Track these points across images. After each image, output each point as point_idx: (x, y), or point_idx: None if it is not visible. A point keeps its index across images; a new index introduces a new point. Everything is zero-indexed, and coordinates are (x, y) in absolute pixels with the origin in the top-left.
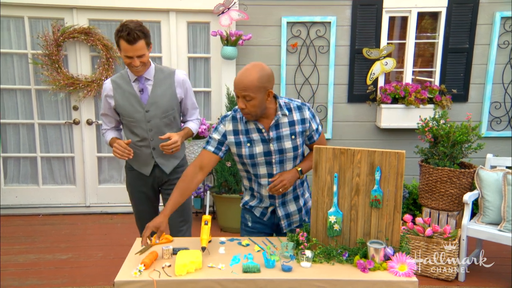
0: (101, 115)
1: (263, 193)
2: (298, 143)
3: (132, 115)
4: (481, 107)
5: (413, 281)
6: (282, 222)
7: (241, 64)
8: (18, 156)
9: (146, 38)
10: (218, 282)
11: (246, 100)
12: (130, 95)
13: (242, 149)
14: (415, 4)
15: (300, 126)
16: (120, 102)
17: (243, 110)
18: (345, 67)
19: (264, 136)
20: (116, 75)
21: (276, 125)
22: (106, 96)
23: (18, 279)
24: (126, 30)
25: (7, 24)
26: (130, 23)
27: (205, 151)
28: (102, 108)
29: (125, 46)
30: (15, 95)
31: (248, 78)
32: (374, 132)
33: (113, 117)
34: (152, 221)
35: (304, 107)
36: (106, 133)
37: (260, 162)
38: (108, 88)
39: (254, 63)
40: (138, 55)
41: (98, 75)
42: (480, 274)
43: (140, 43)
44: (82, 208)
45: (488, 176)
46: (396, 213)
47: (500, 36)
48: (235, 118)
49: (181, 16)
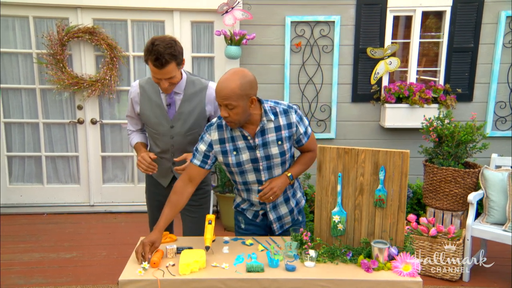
0: (127, 117)
1: (253, 199)
2: (285, 148)
3: (156, 127)
4: (486, 106)
5: (417, 281)
6: (274, 225)
7: (245, 64)
8: (23, 155)
9: (177, 60)
10: (222, 281)
11: (229, 108)
12: (157, 107)
13: (229, 158)
14: (420, 3)
15: (287, 131)
16: (145, 111)
17: (226, 118)
18: (349, 67)
19: (250, 143)
20: (145, 79)
21: (261, 131)
22: (132, 100)
23: (23, 277)
24: (155, 53)
25: (12, 24)
26: (160, 42)
27: (191, 164)
28: (128, 110)
29: (153, 68)
30: (20, 95)
31: (230, 87)
32: (378, 131)
33: (138, 120)
34: (148, 237)
35: (291, 110)
36: (132, 135)
37: (248, 169)
38: (135, 92)
39: (235, 70)
40: (167, 78)
41: (102, 75)
42: (485, 274)
43: (169, 67)
44: (86, 207)
45: (493, 176)
46: (400, 213)
47: (505, 35)
48: (221, 126)
49: (185, 16)
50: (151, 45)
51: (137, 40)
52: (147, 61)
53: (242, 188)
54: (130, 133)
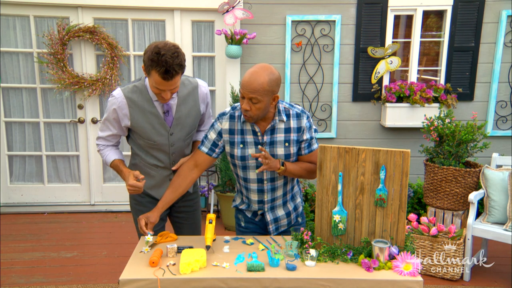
0: (102, 132)
1: (251, 197)
2: (292, 151)
3: (153, 138)
4: (487, 106)
5: (418, 280)
6: (270, 226)
7: (246, 63)
8: (24, 155)
9: (183, 70)
10: (223, 280)
11: (252, 102)
12: (152, 116)
13: (235, 149)
14: (421, 2)
15: (296, 135)
16: (139, 123)
17: (247, 112)
18: (349, 66)
19: (258, 139)
20: (129, 88)
21: (272, 129)
22: (118, 112)
23: (24, 276)
24: (163, 65)
25: (13, 23)
26: (167, 52)
27: (199, 151)
28: (105, 124)
29: (158, 80)
30: (20, 94)
31: (259, 81)
32: (379, 131)
33: (119, 135)
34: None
35: (304, 115)
36: (104, 150)
37: (251, 165)
38: (122, 104)
39: (262, 65)
40: (172, 88)
41: (103, 74)
42: (485, 273)
43: (177, 78)
44: (87, 206)
45: (493, 176)
46: (401, 212)
47: (506, 35)
48: (233, 116)
49: (185, 15)
50: (157, 55)
51: (137, 40)
52: (151, 71)
53: (242, 184)
54: (103, 149)
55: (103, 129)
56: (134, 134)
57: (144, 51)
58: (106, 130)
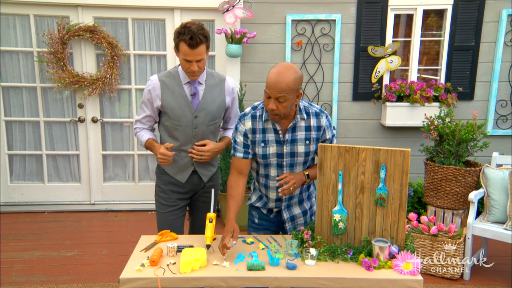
0: (139, 115)
1: (270, 196)
2: (311, 149)
3: (179, 119)
4: (487, 105)
5: (418, 279)
6: (287, 225)
7: (246, 62)
8: (24, 154)
9: (207, 42)
10: (223, 279)
11: (279, 101)
12: (181, 98)
13: (256, 148)
14: (421, 1)
15: (315, 133)
16: (168, 103)
17: (273, 111)
18: (350, 65)
19: (279, 138)
20: (164, 73)
21: (293, 128)
22: (152, 93)
23: (24, 275)
24: (189, 33)
25: (13, 22)
26: (192, 25)
27: (236, 158)
28: (142, 107)
29: (185, 50)
30: (20, 93)
31: (285, 80)
32: (379, 130)
33: (154, 118)
34: (227, 227)
35: (322, 114)
36: (141, 132)
37: (272, 163)
38: (156, 85)
39: (286, 65)
40: (198, 60)
41: (103, 73)
42: (485, 273)
43: (201, 47)
44: (87, 205)
45: (494, 175)
46: (401, 212)
47: (507, 34)
48: (254, 116)
49: (185, 14)
50: (183, 27)
51: (137, 39)
52: (179, 43)
53: (262, 182)
54: (139, 131)
55: (140, 112)
56: (163, 116)
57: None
58: (141, 113)
